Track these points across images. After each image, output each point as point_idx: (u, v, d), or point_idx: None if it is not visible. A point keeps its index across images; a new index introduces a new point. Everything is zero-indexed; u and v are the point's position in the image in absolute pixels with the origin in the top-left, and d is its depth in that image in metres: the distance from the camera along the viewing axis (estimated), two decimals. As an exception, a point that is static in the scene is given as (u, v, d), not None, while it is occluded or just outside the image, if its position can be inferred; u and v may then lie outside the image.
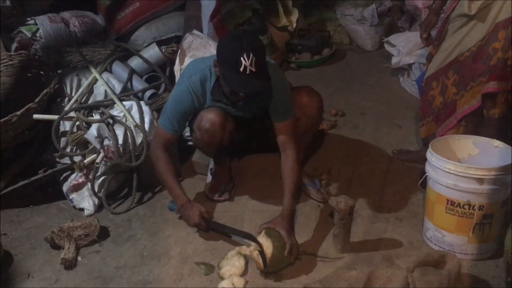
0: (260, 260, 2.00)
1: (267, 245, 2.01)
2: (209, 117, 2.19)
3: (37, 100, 2.48)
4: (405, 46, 3.40)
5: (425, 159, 2.11)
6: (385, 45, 3.65)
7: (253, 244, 2.04)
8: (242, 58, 1.91)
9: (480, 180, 1.91)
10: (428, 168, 2.08)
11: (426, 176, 2.09)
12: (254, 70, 1.93)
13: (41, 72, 2.81)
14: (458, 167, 1.94)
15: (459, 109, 2.29)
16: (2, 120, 2.38)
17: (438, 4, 2.40)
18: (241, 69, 1.92)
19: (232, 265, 2.03)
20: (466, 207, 1.96)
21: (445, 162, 1.97)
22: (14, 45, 3.08)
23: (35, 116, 2.53)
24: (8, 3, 3.01)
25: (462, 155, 2.17)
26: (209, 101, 2.24)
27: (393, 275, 1.83)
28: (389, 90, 3.51)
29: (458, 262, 1.86)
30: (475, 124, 2.30)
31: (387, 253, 2.06)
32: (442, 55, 2.33)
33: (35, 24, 3.17)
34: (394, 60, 3.45)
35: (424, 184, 2.16)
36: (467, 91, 2.25)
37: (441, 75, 2.36)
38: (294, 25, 4.02)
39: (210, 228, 2.24)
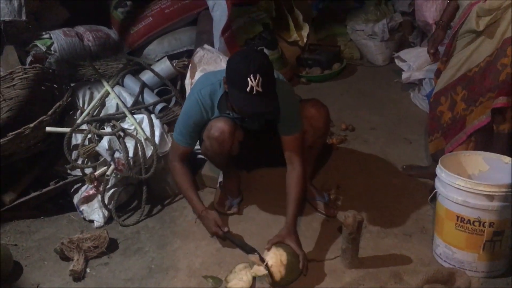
0: (273, 273, 1.99)
1: (282, 255, 2.02)
2: (218, 126, 2.21)
3: (50, 112, 2.52)
4: (415, 61, 3.40)
5: (434, 175, 2.09)
6: (396, 60, 3.65)
7: (265, 258, 2.04)
8: (249, 79, 1.92)
9: (490, 197, 1.89)
10: (437, 184, 2.06)
11: (436, 192, 2.07)
12: (261, 90, 1.94)
13: (55, 85, 2.86)
14: (468, 183, 1.92)
15: (469, 124, 2.28)
16: (15, 132, 2.42)
17: (445, 19, 2.41)
18: (248, 89, 1.93)
19: (239, 279, 2.03)
20: (476, 223, 1.94)
21: (455, 178, 1.95)
22: (29, 59, 3.14)
23: (48, 128, 2.57)
24: (23, 17, 3.07)
25: (472, 171, 2.15)
26: (217, 114, 2.26)
27: (401, 291, 1.81)
28: (400, 105, 3.50)
29: (468, 279, 1.85)
30: (485, 140, 2.28)
31: (396, 269, 2.04)
32: (451, 71, 2.33)
33: (50, 38, 3.23)
34: (404, 75, 3.45)
35: (434, 200, 2.14)
36: (477, 106, 2.24)
37: (449, 90, 2.35)
38: (305, 39, 4.04)
39: (226, 238, 2.26)
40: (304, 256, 2.09)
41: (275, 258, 2.03)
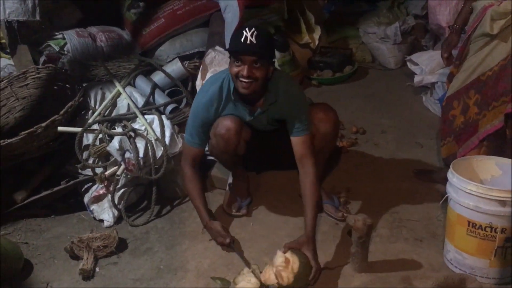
0: (282, 277, 1.98)
1: (294, 262, 2.01)
2: (225, 124, 2.22)
3: (62, 112, 2.54)
4: (428, 65, 3.38)
5: (446, 179, 2.07)
6: (408, 63, 3.63)
7: (280, 259, 2.03)
8: (244, 31, 2.03)
9: (502, 202, 1.87)
10: (449, 188, 2.04)
11: (447, 196, 2.05)
12: (254, 42, 2.02)
13: (67, 85, 2.88)
14: (480, 188, 1.90)
15: (481, 129, 2.25)
16: (27, 131, 2.43)
17: (460, 23, 2.38)
18: (242, 39, 2.03)
19: (247, 281, 2.02)
20: (488, 229, 1.92)
21: (467, 183, 1.93)
22: (42, 59, 3.17)
23: (60, 128, 2.58)
24: (37, 17, 3.10)
25: (484, 176, 2.13)
26: (227, 110, 2.26)
27: (411, 297, 1.79)
28: (411, 109, 3.48)
29: (479, 286, 1.82)
30: (498, 145, 2.25)
31: (406, 274, 2.02)
32: (464, 75, 2.31)
33: (63, 38, 3.25)
34: (416, 79, 3.43)
35: (445, 205, 2.12)
36: (490, 111, 2.22)
37: (462, 94, 2.33)
38: (317, 42, 4.04)
39: (231, 247, 2.26)
40: (318, 269, 2.06)
41: (287, 264, 2.01)
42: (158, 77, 3.03)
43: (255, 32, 2.03)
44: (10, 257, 2.19)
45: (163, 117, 2.71)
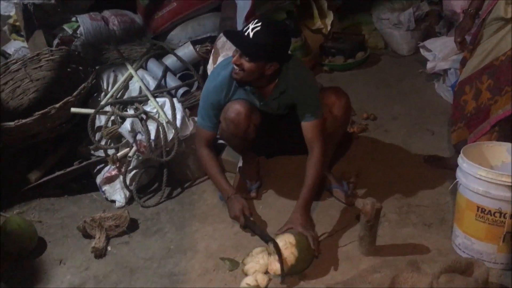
0: (287, 257, 2.00)
1: (289, 237, 2.03)
2: (235, 107, 2.24)
3: (75, 94, 2.57)
4: (441, 51, 3.34)
5: (456, 166, 2.06)
6: (421, 49, 3.59)
7: (280, 243, 2.03)
8: (252, 22, 2.05)
9: (512, 188, 1.87)
10: (459, 174, 2.04)
11: (457, 182, 2.05)
12: (250, 37, 2.02)
13: (80, 68, 2.91)
14: (489, 173, 1.89)
15: (493, 114, 2.23)
16: (41, 112, 2.47)
17: (474, 8, 2.35)
18: (245, 28, 2.05)
19: (256, 262, 2.05)
20: (497, 215, 1.92)
21: (477, 168, 1.93)
22: (55, 41, 3.19)
23: (73, 109, 2.62)
24: (52, 1, 3.12)
25: (495, 162, 2.12)
26: (237, 95, 2.28)
27: (418, 280, 1.81)
28: (423, 96, 3.45)
29: (486, 270, 1.82)
30: (509, 131, 2.24)
31: (413, 258, 2.03)
32: (477, 59, 2.28)
33: (76, 21, 3.27)
34: (429, 65, 3.40)
35: (454, 191, 2.12)
36: (502, 96, 2.19)
37: (475, 79, 2.31)
38: (329, 28, 4.01)
39: (247, 226, 2.26)
40: (312, 235, 2.09)
41: (283, 242, 2.03)
42: (169, 60, 3.04)
43: (258, 28, 2.02)
44: (24, 234, 2.25)
45: (175, 100, 2.73)
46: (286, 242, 2.02)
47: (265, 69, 2.11)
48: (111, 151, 2.62)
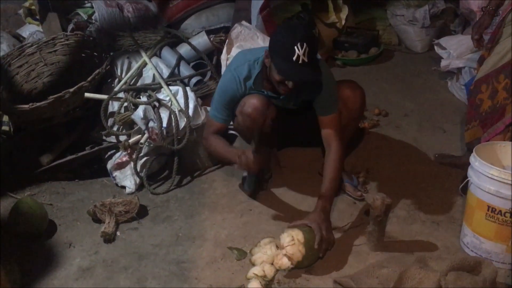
0: (294, 254, 1.99)
1: (297, 234, 2.01)
2: (252, 102, 2.23)
3: (89, 79, 2.58)
4: (456, 49, 3.32)
5: (467, 165, 2.06)
6: (435, 47, 3.57)
7: (287, 239, 2.01)
8: (296, 47, 1.94)
9: (524, 189, 1.86)
10: (470, 172, 2.03)
11: (468, 180, 2.04)
12: (306, 60, 1.95)
13: (95, 53, 2.91)
14: (502, 173, 1.89)
15: (508, 114, 2.22)
16: (55, 95, 2.49)
17: (494, 5, 2.34)
18: (294, 58, 1.95)
19: (264, 252, 2.05)
20: (508, 215, 1.91)
21: (489, 168, 1.92)
22: (70, 26, 3.20)
23: (87, 94, 2.63)
24: (68, -15, 3.13)
25: (507, 163, 2.11)
26: (252, 92, 2.27)
27: (425, 276, 1.81)
28: (436, 93, 3.44)
29: (494, 269, 1.82)
30: (524, 131, 2.23)
31: (421, 255, 2.02)
32: (495, 58, 2.27)
33: (92, 7, 3.28)
34: (443, 63, 3.38)
35: (464, 190, 2.11)
36: (518, 96, 2.19)
37: (491, 78, 2.29)
38: (343, 22, 4.00)
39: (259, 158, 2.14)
40: (324, 238, 2.03)
41: (290, 237, 2.00)
42: (183, 49, 3.04)
43: (307, 49, 1.93)
44: (36, 216, 2.27)
45: (188, 89, 2.73)
46: (294, 239, 2.01)
47: None
48: (123, 138, 2.63)
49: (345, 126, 2.36)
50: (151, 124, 2.55)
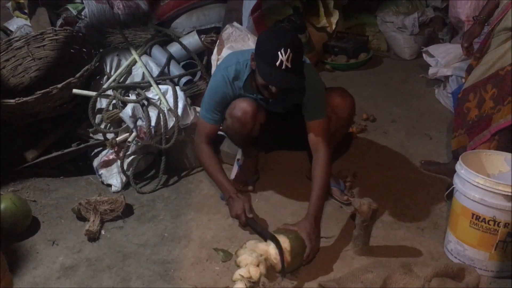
0: (278, 262, 2.00)
1: (284, 241, 2.01)
2: (241, 106, 2.22)
3: (77, 75, 2.55)
4: (444, 58, 3.36)
5: (453, 172, 2.09)
6: (424, 55, 3.61)
7: (273, 251, 2.02)
8: (279, 53, 1.93)
9: (508, 197, 1.88)
10: (456, 180, 2.06)
11: (453, 188, 2.07)
12: (289, 66, 1.94)
13: (84, 49, 2.89)
14: (487, 181, 1.91)
15: (494, 123, 2.25)
16: (43, 91, 2.46)
17: (485, 15, 2.37)
18: (277, 63, 1.94)
19: (249, 254, 2.05)
20: (491, 223, 1.94)
21: (474, 176, 1.94)
22: (59, 22, 3.17)
23: (75, 90, 2.60)
24: (57, -20, 3.10)
25: (492, 171, 2.14)
26: (242, 94, 2.27)
27: (409, 282, 1.83)
28: (423, 101, 3.47)
29: (477, 276, 1.85)
30: (509, 140, 2.26)
31: (406, 260, 2.05)
32: (483, 68, 2.30)
33: (81, 3, 3.25)
34: (431, 71, 3.42)
35: (450, 196, 2.14)
36: (504, 106, 2.21)
37: (479, 87, 2.33)
38: (334, 26, 4.02)
39: (248, 224, 2.25)
40: (313, 250, 2.05)
41: (276, 251, 2.00)
42: (174, 48, 3.03)
43: (291, 54, 1.92)
44: (19, 212, 2.24)
45: (177, 88, 2.72)
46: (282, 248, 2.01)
47: None
48: (110, 135, 2.61)
49: (334, 133, 2.36)
50: (139, 122, 2.53)
